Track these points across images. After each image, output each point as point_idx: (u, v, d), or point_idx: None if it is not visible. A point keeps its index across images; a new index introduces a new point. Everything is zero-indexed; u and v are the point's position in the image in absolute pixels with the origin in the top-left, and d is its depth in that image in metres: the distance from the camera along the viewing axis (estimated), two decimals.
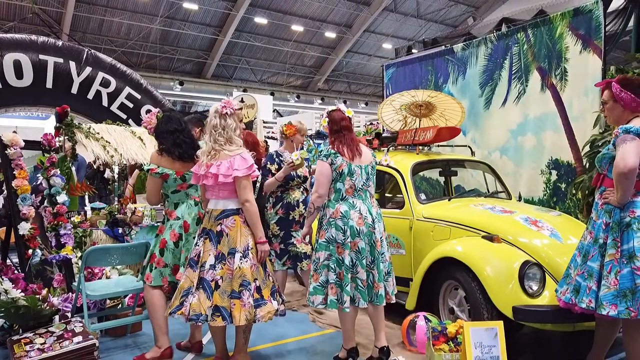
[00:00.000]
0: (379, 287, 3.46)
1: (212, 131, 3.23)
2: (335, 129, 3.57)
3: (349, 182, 3.47)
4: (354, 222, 3.41)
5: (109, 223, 4.97)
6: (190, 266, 3.25)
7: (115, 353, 3.80)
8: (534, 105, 5.44)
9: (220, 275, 3.15)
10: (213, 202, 3.29)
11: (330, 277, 3.37)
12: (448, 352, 3.44)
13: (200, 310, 3.10)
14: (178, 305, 3.17)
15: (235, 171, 3.16)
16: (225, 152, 3.21)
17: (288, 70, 26.14)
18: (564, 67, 5.18)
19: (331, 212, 3.45)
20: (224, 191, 3.24)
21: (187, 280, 3.22)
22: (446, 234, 4.06)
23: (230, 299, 3.13)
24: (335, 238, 3.40)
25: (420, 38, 20.28)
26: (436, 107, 5.09)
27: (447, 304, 3.93)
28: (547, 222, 3.88)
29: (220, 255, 3.19)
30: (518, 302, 3.34)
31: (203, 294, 3.13)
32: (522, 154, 5.57)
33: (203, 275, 3.17)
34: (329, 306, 3.37)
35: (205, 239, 3.24)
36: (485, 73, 5.95)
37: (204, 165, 3.23)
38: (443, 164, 5.09)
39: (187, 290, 3.19)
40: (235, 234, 3.21)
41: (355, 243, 3.40)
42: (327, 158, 3.47)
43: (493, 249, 3.63)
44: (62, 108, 4.98)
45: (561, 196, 5.23)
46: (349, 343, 3.54)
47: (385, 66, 7.50)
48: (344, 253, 3.38)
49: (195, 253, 3.26)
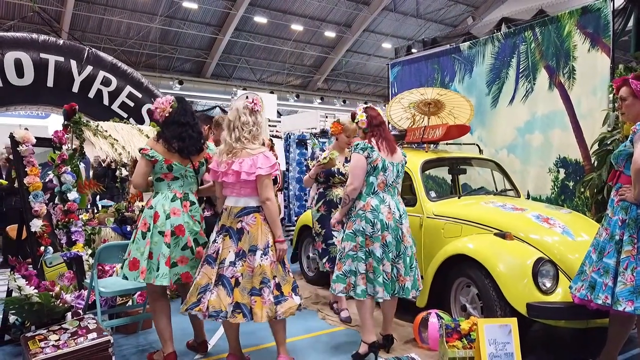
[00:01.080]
0: (405, 280, 3.56)
1: (241, 127, 3.20)
2: (375, 124, 3.64)
3: (381, 177, 3.56)
4: (384, 217, 3.51)
5: (117, 221, 4.96)
6: (207, 263, 3.22)
7: (127, 350, 3.80)
8: (542, 104, 5.46)
9: (241, 272, 3.14)
10: (233, 200, 3.27)
11: (360, 268, 3.46)
12: (461, 349, 3.44)
13: (220, 306, 3.08)
14: (195, 302, 3.14)
15: (259, 169, 3.15)
16: (247, 151, 3.19)
17: (287, 69, 26.13)
18: (572, 66, 5.20)
19: (362, 204, 3.53)
20: (246, 189, 3.22)
21: (205, 276, 3.18)
22: (457, 231, 4.06)
23: (250, 296, 3.12)
24: (365, 230, 3.49)
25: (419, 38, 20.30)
26: (445, 105, 5.09)
27: (458, 301, 3.93)
28: (559, 220, 3.89)
29: (241, 252, 3.17)
30: (532, 299, 3.35)
31: (223, 291, 3.11)
32: (529, 152, 5.59)
33: (222, 272, 3.15)
34: (360, 296, 3.45)
35: (225, 235, 3.22)
36: (492, 71, 5.96)
37: (224, 162, 3.22)
38: (452, 162, 5.11)
39: (205, 286, 3.15)
40: (256, 231, 3.20)
41: (384, 236, 3.50)
42: (363, 151, 3.53)
43: (506, 246, 3.63)
44: (70, 106, 4.96)
45: (569, 194, 5.24)
46: (370, 337, 3.56)
47: (390, 64, 7.50)
48: (374, 245, 3.47)
49: (214, 250, 3.22)
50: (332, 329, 4.31)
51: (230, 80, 25.21)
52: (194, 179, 3.53)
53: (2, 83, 6.81)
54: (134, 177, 3.44)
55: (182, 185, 3.47)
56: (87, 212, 4.89)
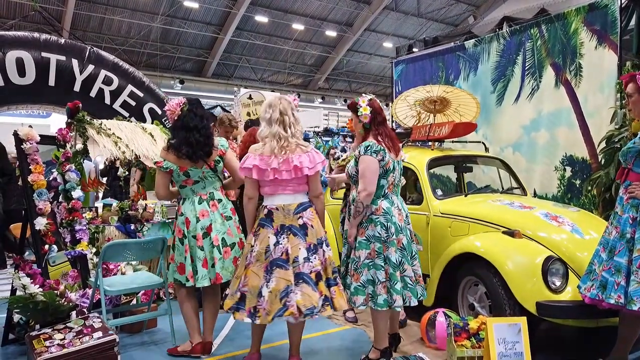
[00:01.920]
0: (422, 281, 3.50)
1: (295, 124, 3.20)
2: (379, 120, 3.43)
3: (391, 178, 3.40)
4: (397, 219, 3.36)
5: (120, 219, 4.92)
6: (278, 267, 3.09)
7: (132, 349, 3.77)
8: (548, 101, 5.42)
9: (318, 266, 3.15)
10: (288, 197, 3.18)
11: (379, 276, 3.27)
12: (470, 348, 3.41)
13: (311, 303, 3.04)
14: (281, 307, 3.03)
15: (318, 164, 3.17)
16: (301, 147, 3.18)
17: (288, 68, 26.12)
18: (579, 63, 5.16)
19: (373, 209, 3.34)
20: (301, 185, 3.20)
21: (282, 281, 3.06)
22: (464, 229, 4.03)
23: (328, 288, 3.15)
24: (380, 236, 3.30)
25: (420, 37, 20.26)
26: (451, 103, 5.06)
27: (466, 300, 3.90)
28: (567, 218, 3.85)
29: (312, 247, 3.16)
30: (541, 298, 3.32)
31: (307, 287, 3.07)
32: (535, 150, 5.55)
33: (299, 270, 3.09)
34: (382, 306, 3.27)
35: (288, 234, 3.14)
36: (498, 69, 5.93)
37: (276, 159, 3.11)
38: (458, 160, 5.07)
39: (285, 290, 3.04)
40: (317, 225, 3.22)
41: (400, 240, 3.34)
42: (377, 154, 3.30)
43: (515, 245, 3.60)
44: (73, 103, 4.92)
45: (576, 192, 5.21)
46: (383, 343, 3.45)
47: (394, 62, 7.46)
48: (389, 250, 3.29)
49: (281, 251, 3.11)
50: (338, 328, 4.28)
51: (231, 80, 25.20)
52: (215, 177, 3.58)
53: (4, 82, 6.76)
54: (156, 189, 3.58)
55: (205, 187, 3.54)
56: (91, 211, 4.84)
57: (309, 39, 24.73)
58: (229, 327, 4.25)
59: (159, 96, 8.07)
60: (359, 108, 3.43)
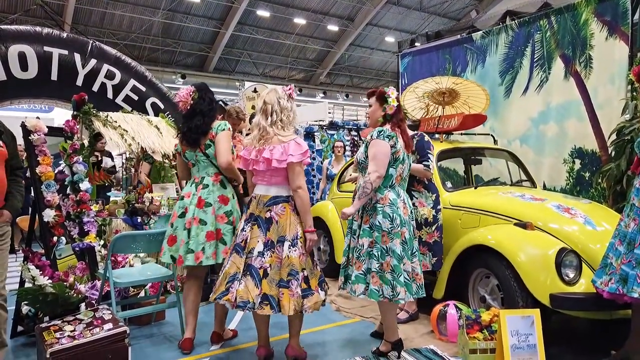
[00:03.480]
0: (421, 279, 3.40)
1: (279, 111, 3.14)
2: (400, 117, 3.43)
3: (400, 169, 3.37)
4: (401, 211, 3.32)
5: (127, 212, 4.89)
6: (236, 252, 3.15)
7: (141, 341, 3.74)
8: (557, 93, 5.38)
9: (269, 263, 3.07)
10: (262, 188, 3.19)
11: (372, 266, 3.25)
12: (482, 340, 3.38)
13: (248, 297, 3.01)
14: (224, 291, 3.08)
15: (290, 157, 3.07)
16: (279, 137, 3.12)
17: (290, 63, 26.03)
18: (589, 54, 5.12)
19: (379, 197, 3.30)
20: (276, 177, 3.15)
21: (233, 265, 3.12)
22: (475, 221, 4.00)
23: (278, 288, 3.05)
24: (381, 226, 3.26)
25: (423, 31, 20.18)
26: (460, 95, 5.02)
27: (477, 292, 3.87)
28: (580, 210, 3.82)
29: (269, 242, 3.10)
30: (555, 290, 3.28)
31: (251, 281, 3.04)
32: (543, 142, 5.51)
33: (250, 262, 3.08)
34: (370, 296, 3.25)
35: (253, 224, 3.14)
36: (506, 61, 5.89)
37: (254, 149, 3.14)
38: (467, 152, 5.04)
39: (233, 276, 3.09)
40: (284, 221, 3.12)
41: (403, 233, 3.30)
42: (389, 139, 3.28)
43: (527, 237, 3.57)
44: (79, 96, 4.89)
45: (585, 185, 5.17)
46: (393, 335, 3.42)
47: (400, 55, 7.41)
48: (393, 242, 3.25)
49: (242, 238, 3.16)
50: (346, 320, 4.25)
51: (233, 75, 25.12)
52: (207, 162, 3.58)
53: (6, 76, 6.72)
54: (178, 171, 3.84)
55: (199, 170, 3.61)
56: (97, 203, 4.82)
57: (310, 33, 24.64)
58: (238, 318, 4.24)
59: (161, 90, 8.03)
60: (388, 97, 3.40)
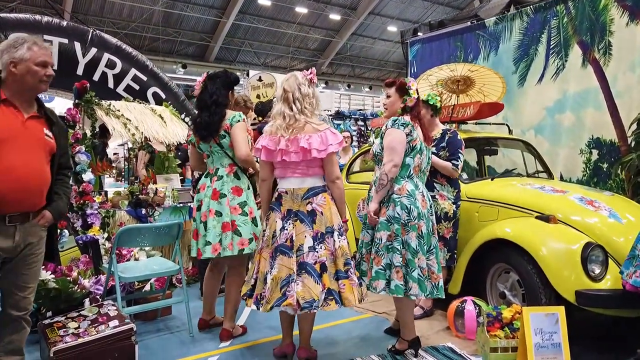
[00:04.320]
0: (438, 277, 3.23)
1: (302, 99, 2.96)
2: (419, 110, 3.34)
3: (418, 159, 3.23)
4: (419, 204, 3.17)
5: (131, 204, 4.74)
6: (282, 253, 2.92)
7: (148, 337, 3.60)
8: (574, 82, 5.21)
9: (325, 256, 2.91)
10: (297, 181, 3.00)
11: (395, 260, 3.10)
12: (504, 338, 3.25)
13: (311, 296, 2.83)
14: (280, 297, 2.86)
15: (330, 146, 2.91)
16: (312, 126, 2.94)
17: (292, 53, 25.78)
18: (608, 41, 4.94)
19: (396, 188, 3.17)
20: (313, 168, 2.98)
21: (283, 268, 2.90)
22: (493, 214, 3.85)
23: (337, 281, 2.92)
24: (400, 217, 3.12)
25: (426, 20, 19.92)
26: (474, 82, 4.85)
27: (495, 288, 3.73)
28: (603, 202, 3.67)
29: (318, 235, 2.93)
30: (580, 286, 3.15)
31: (310, 279, 2.86)
32: (559, 132, 5.35)
33: (303, 260, 2.89)
34: (394, 292, 3.09)
35: (295, 220, 2.96)
36: (521, 48, 5.70)
37: (283, 139, 2.93)
38: (480, 142, 4.87)
39: (287, 279, 2.87)
40: (328, 211, 2.97)
41: (420, 226, 3.15)
42: (404, 127, 3.16)
43: (550, 230, 3.42)
44: (81, 83, 4.74)
45: (603, 176, 5.01)
46: (411, 334, 3.29)
47: (410, 42, 7.22)
48: (409, 235, 3.11)
49: (286, 237, 2.94)
50: (359, 316, 4.12)
51: (234, 64, 24.86)
52: (222, 153, 3.47)
53: None
54: (191, 161, 3.77)
55: (213, 162, 3.50)
56: (100, 195, 4.67)
57: (312, 22, 24.38)
58: (246, 315, 4.11)
59: (162, 80, 7.88)
60: (409, 89, 3.29)
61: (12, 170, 2.32)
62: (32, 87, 2.42)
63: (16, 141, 2.36)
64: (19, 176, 2.34)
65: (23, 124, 2.41)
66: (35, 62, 2.39)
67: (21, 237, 2.40)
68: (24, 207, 2.40)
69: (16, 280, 2.46)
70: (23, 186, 2.35)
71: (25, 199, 2.39)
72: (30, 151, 2.40)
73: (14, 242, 2.38)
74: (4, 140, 2.31)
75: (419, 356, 3.28)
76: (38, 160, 2.44)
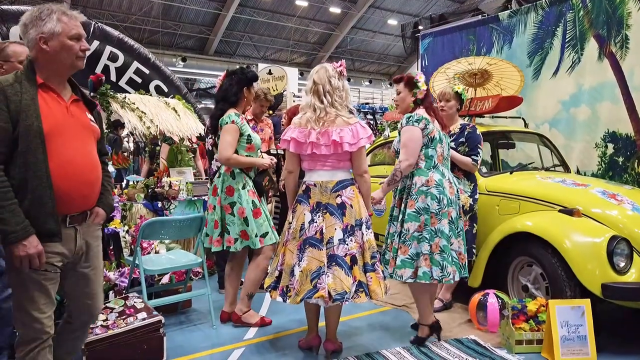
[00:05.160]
0: (464, 258, 3.34)
1: (332, 92, 2.95)
2: (430, 101, 3.40)
3: (439, 148, 3.30)
4: (447, 191, 3.26)
5: (147, 197, 4.72)
6: (311, 245, 2.91)
7: (171, 330, 3.59)
8: (590, 75, 5.21)
9: (354, 249, 2.93)
10: (326, 173, 2.99)
11: (423, 249, 3.18)
12: (529, 331, 3.27)
13: (343, 288, 2.83)
14: (311, 289, 2.85)
15: (361, 140, 2.92)
16: (343, 119, 2.94)
17: (292, 46, 25.68)
18: (625, 34, 4.93)
19: (424, 180, 3.24)
20: (343, 161, 2.98)
21: (313, 260, 2.88)
22: (514, 208, 3.85)
23: (364, 273, 2.93)
24: (430, 207, 3.19)
25: (426, 14, 19.87)
26: (492, 76, 4.84)
27: (517, 281, 3.74)
28: (625, 196, 3.68)
29: (348, 228, 2.94)
30: (606, 279, 3.15)
31: (340, 271, 2.86)
32: (574, 126, 5.35)
33: (334, 252, 2.89)
34: (421, 278, 3.17)
35: (324, 213, 2.95)
36: (535, 41, 5.69)
37: (314, 132, 2.92)
38: (496, 135, 4.87)
39: (317, 271, 2.86)
40: (357, 204, 2.98)
41: (450, 212, 3.25)
42: (419, 123, 3.23)
43: (574, 224, 3.42)
44: (96, 76, 4.72)
45: (618, 170, 5.02)
46: (429, 318, 3.36)
47: (421, 36, 7.20)
48: (442, 222, 3.20)
49: (315, 230, 2.93)
50: (379, 309, 4.12)
51: (234, 58, 24.75)
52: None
53: None
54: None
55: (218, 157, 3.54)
56: (116, 188, 4.65)
57: (312, 15, 24.27)
58: (266, 307, 4.11)
59: (164, 73, 7.86)
60: (417, 82, 3.34)
61: (71, 164, 2.05)
62: (70, 65, 2.08)
63: (67, 131, 2.06)
64: (79, 170, 2.08)
65: (67, 110, 2.10)
66: (68, 36, 2.04)
67: (82, 239, 2.16)
68: (87, 204, 2.15)
69: (81, 286, 2.23)
70: (85, 180, 2.11)
71: (89, 194, 2.14)
72: (81, 140, 2.11)
73: (76, 245, 2.13)
74: (55, 132, 2.01)
75: (443, 347, 3.30)
76: (91, 149, 2.17)
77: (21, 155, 1.94)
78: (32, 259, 1.95)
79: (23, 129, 1.93)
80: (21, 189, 1.95)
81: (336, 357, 3.14)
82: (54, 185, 1.98)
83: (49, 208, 1.98)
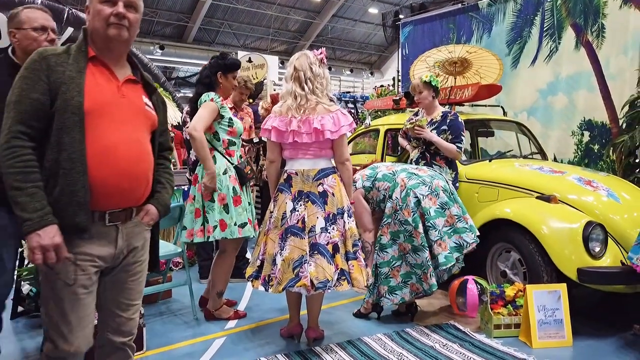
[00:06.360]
0: (468, 218, 3.59)
1: (313, 80, 2.92)
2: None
3: None
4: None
5: None
6: (292, 234, 2.89)
7: (151, 320, 3.57)
8: (567, 64, 5.28)
9: (336, 237, 2.92)
10: (308, 162, 2.97)
11: (467, 238, 3.46)
12: (507, 315, 3.33)
13: (325, 276, 2.82)
14: (293, 277, 2.84)
15: (342, 127, 2.90)
16: (324, 106, 2.91)
17: (272, 35, 25.44)
18: (602, 23, 5.00)
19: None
20: (325, 149, 2.97)
21: (295, 249, 2.87)
22: (493, 195, 3.90)
23: (346, 261, 2.93)
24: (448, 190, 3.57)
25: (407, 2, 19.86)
26: (472, 64, 4.87)
27: (496, 267, 3.80)
28: (601, 182, 3.75)
29: (330, 216, 2.93)
30: (582, 264, 3.22)
31: (323, 260, 2.85)
32: (551, 114, 5.43)
33: (316, 241, 2.88)
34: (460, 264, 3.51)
35: (306, 201, 2.93)
36: (514, 30, 5.74)
37: (295, 120, 2.90)
38: (474, 124, 4.91)
39: (299, 260, 2.85)
40: (338, 193, 2.97)
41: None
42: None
43: (551, 210, 3.48)
44: None
45: (594, 158, 5.12)
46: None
47: (401, 24, 7.19)
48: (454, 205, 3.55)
49: (297, 219, 2.91)
50: (361, 296, 4.13)
51: (213, 46, 24.43)
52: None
53: None
54: None
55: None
56: None
57: (292, 3, 24.05)
58: (247, 297, 4.10)
59: (142, 61, 7.72)
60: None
61: (113, 151, 1.74)
62: (104, 35, 1.81)
63: (114, 113, 1.77)
64: (121, 158, 1.76)
65: (119, 89, 1.81)
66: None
67: (124, 241, 1.85)
68: (129, 200, 1.83)
69: (118, 296, 1.90)
70: (126, 171, 1.78)
71: (131, 188, 1.81)
72: (130, 126, 1.81)
73: (116, 247, 1.82)
74: (98, 112, 1.72)
75: (424, 333, 3.34)
76: (141, 137, 1.86)
77: (56, 133, 1.66)
78: (47, 252, 1.60)
79: (61, 102, 1.67)
80: (53, 174, 1.66)
81: (318, 345, 3.15)
82: (88, 172, 1.68)
83: (80, 197, 1.67)
